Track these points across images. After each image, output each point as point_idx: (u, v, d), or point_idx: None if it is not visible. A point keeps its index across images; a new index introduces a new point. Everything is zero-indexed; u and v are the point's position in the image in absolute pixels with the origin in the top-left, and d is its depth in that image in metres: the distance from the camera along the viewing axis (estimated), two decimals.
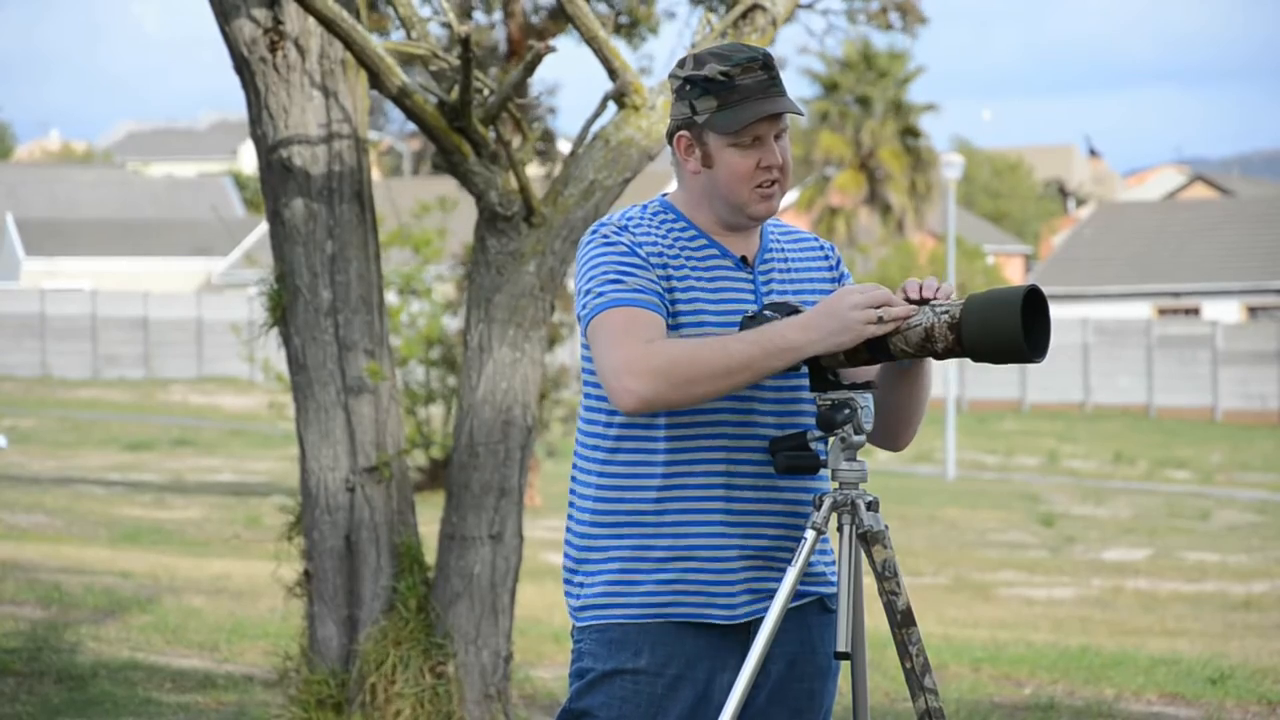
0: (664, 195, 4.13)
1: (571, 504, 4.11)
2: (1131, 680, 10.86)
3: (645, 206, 4.11)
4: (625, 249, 3.99)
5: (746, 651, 3.97)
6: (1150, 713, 9.90)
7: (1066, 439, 37.36)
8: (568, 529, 4.13)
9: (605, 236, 4.01)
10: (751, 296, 4.04)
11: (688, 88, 4.02)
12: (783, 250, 4.15)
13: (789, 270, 4.12)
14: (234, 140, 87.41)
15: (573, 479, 4.12)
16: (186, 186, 73.05)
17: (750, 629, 4.00)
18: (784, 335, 3.86)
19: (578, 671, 4.04)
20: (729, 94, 3.97)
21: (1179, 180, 78.90)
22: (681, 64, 4.05)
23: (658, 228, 4.05)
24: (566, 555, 4.11)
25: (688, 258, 4.03)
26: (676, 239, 4.04)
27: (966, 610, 15.43)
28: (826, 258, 4.21)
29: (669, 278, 3.99)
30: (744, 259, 4.06)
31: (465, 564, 7.46)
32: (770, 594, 3.99)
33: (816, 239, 4.23)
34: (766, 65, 3.98)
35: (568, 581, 4.09)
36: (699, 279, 4.02)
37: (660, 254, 4.01)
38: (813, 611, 4.07)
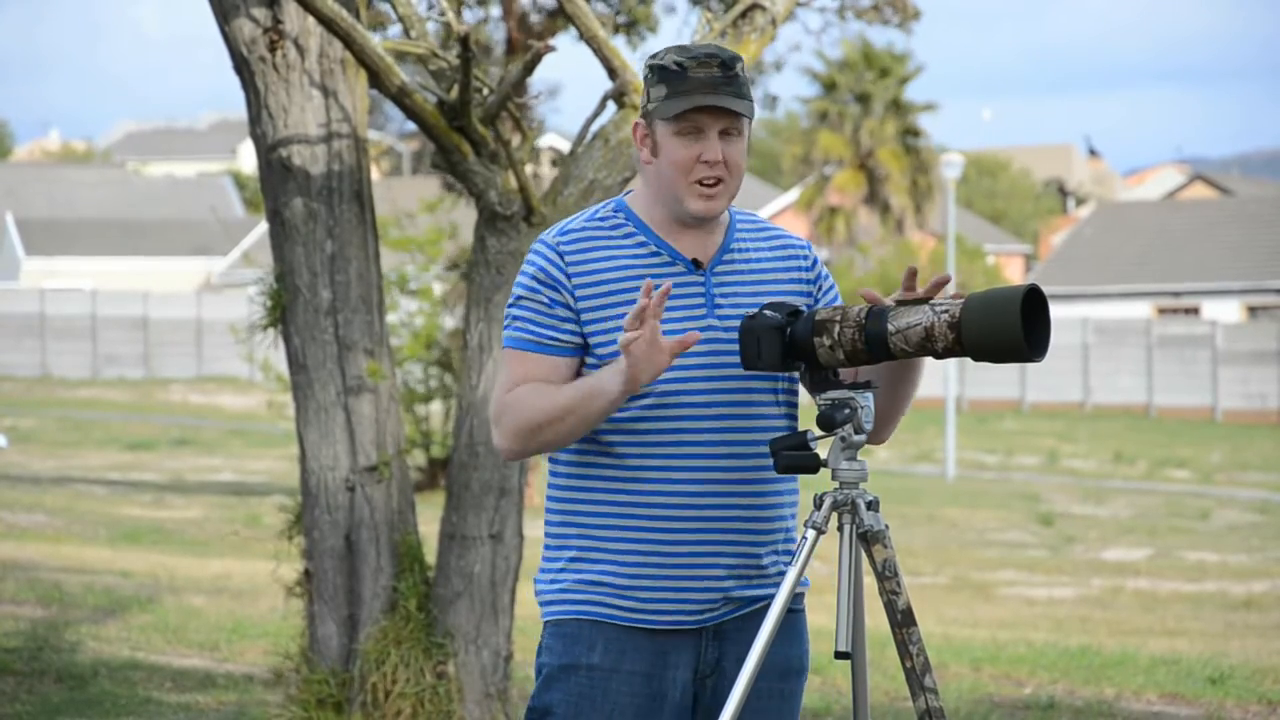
0: (623, 196, 4.10)
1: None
2: (1131, 680, 10.86)
3: (596, 212, 4.07)
4: (543, 276, 3.99)
5: (699, 650, 4.00)
6: (1150, 713, 9.90)
7: (1066, 439, 37.35)
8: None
9: (539, 253, 4.02)
10: (701, 301, 4.00)
11: (648, 75, 4.02)
12: (747, 250, 4.09)
13: (751, 270, 4.07)
14: (234, 140, 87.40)
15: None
16: (186, 186, 73.02)
17: (702, 632, 4.00)
18: (601, 382, 3.88)
19: (537, 667, 4.07)
20: (679, 83, 3.96)
21: (1179, 180, 78.89)
22: (652, 56, 4.05)
23: (601, 237, 4.02)
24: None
25: (630, 267, 3.99)
26: (621, 248, 4.01)
27: (966, 610, 15.42)
28: (801, 259, 4.15)
29: (601, 295, 3.96)
30: (695, 262, 4.02)
31: (465, 563, 7.46)
32: (727, 599, 4.00)
33: (794, 239, 4.17)
34: (725, 65, 3.96)
35: (536, 580, 4.12)
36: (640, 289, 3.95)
37: (592, 271, 3.98)
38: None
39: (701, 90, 3.94)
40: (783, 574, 4.06)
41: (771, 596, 4.03)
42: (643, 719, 3.98)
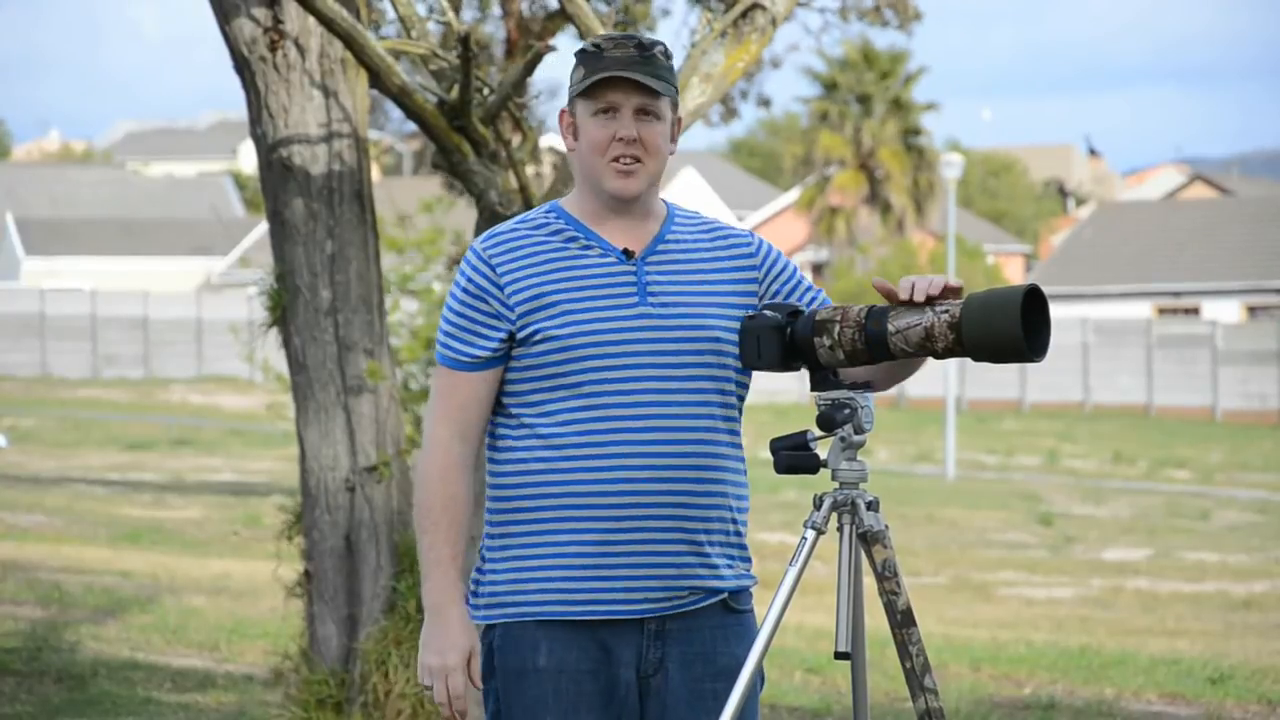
0: (557, 200, 4.11)
1: None
2: (1131, 680, 10.86)
3: (528, 215, 4.08)
4: (472, 288, 4.00)
5: (641, 649, 4.00)
6: (1150, 713, 9.90)
7: (1066, 439, 37.36)
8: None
9: (468, 261, 4.02)
10: (633, 289, 3.99)
11: (574, 64, 4.04)
12: (684, 241, 4.08)
13: (689, 259, 4.05)
14: (234, 140, 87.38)
15: None
16: (186, 186, 73.02)
17: (644, 629, 4.00)
18: (427, 584, 4.13)
19: (488, 669, 4.06)
20: (595, 63, 3.98)
21: (1179, 180, 78.90)
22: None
23: (529, 237, 4.01)
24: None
25: (559, 265, 3.99)
26: (549, 243, 4.01)
27: (966, 610, 15.43)
28: (744, 246, 4.11)
29: (533, 289, 3.96)
30: (627, 252, 4.01)
31: (465, 564, 7.46)
32: (670, 588, 3.98)
33: (737, 231, 4.14)
34: (642, 46, 3.98)
35: (474, 579, 4.13)
36: (570, 287, 3.96)
37: (522, 270, 3.98)
38: (711, 614, 4.05)
39: (614, 67, 3.96)
40: (730, 568, 4.05)
41: (716, 590, 4.02)
42: (594, 715, 3.98)
